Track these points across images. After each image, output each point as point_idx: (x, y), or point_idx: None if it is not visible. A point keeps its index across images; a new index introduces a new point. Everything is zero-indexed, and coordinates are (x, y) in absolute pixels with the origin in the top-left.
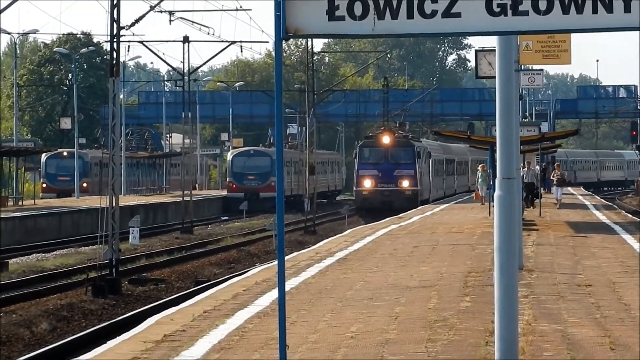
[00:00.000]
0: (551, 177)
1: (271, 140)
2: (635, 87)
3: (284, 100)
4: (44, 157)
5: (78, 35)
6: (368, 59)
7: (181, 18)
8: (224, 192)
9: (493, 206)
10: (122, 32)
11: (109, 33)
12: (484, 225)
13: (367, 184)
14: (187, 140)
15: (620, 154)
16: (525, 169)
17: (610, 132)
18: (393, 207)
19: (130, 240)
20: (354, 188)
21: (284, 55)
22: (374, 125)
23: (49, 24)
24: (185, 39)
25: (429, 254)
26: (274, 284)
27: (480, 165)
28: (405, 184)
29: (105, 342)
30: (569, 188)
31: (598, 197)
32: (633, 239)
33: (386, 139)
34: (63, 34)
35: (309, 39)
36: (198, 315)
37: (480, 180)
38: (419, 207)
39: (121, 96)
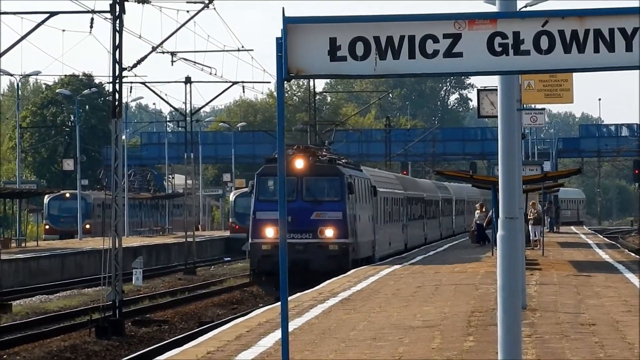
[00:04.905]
0: (528, 217)
1: None
2: (638, 125)
3: (286, 140)
4: (46, 198)
5: (80, 77)
6: (370, 99)
7: (183, 59)
8: (227, 233)
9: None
10: (124, 73)
11: (111, 74)
12: (487, 264)
13: (269, 233)
14: (189, 181)
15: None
16: (478, 211)
17: (613, 171)
18: (309, 268)
19: (133, 281)
20: (249, 240)
21: (286, 95)
22: (376, 166)
23: (51, 65)
24: (187, 80)
25: (432, 293)
26: (277, 324)
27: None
28: (329, 233)
29: None
30: (572, 227)
31: (601, 236)
32: (636, 277)
33: (299, 164)
34: (65, 75)
35: (310, 79)
36: (201, 357)
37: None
38: (354, 270)
39: (123, 137)
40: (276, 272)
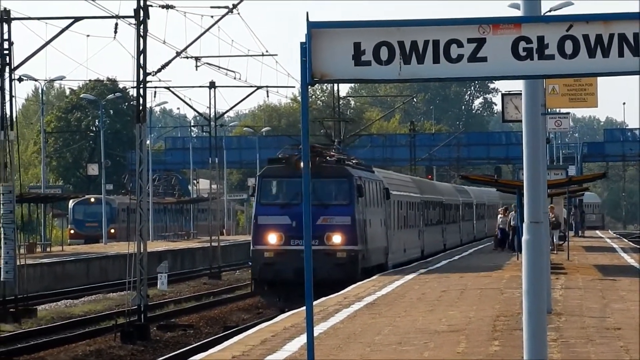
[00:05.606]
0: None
1: None
2: None
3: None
4: (71, 203)
5: (104, 82)
6: (394, 103)
7: (207, 63)
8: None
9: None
10: (149, 78)
11: (135, 79)
12: (512, 269)
13: (272, 239)
14: (214, 186)
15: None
16: (501, 215)
17: (638, 175)
18: (315, 278)
19: (158, 286)
20: (251, 246)
21: (310, 99)
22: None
23: (75, 70)
24: (212, 84)
25: (458, 298)
26: (302, 329)
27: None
28: (337, 239)
29: None
30: (597, 231)
31: (626, 240)
32: None
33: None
34: (89, 80)
35: (334, 84)
36: None
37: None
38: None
39: (148, 142)
40: (279, 282)
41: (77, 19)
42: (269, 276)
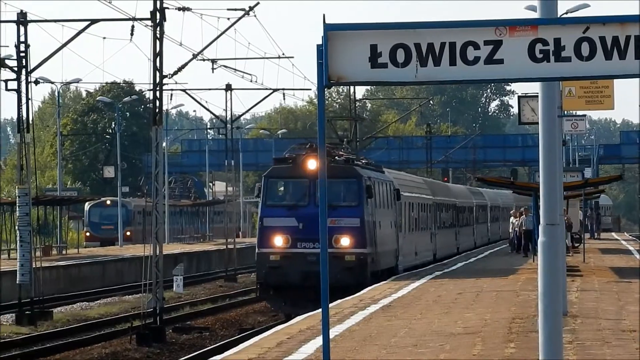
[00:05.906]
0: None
1: None
2: None
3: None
4: (87, 205)
5: (121, 84)
6: (410, 106)
7: (223, 66)
8: None
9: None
10: (165, 80)
11: (151, 81)
12: (528, 271)
13: (278, 241)
14: (230, 188)
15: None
16: (515, 218)
17: None
18: None
19: (174, 288)
20: (256, 249)
21: (326, 102)
22: (417, 171)
23: (91, 72)
24: (228, 87)
25: (473, 300)
26: (318, 331)
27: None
28: (345, 242)
29: None
30: (613, 233)
31: None
32: None
33: (311, 164)
34: (106, 83)
35: (351, 86)
36: None
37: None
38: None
39: (164, 144)
40: (286, 286)
41: (93, 22)
42: (274, 280)
